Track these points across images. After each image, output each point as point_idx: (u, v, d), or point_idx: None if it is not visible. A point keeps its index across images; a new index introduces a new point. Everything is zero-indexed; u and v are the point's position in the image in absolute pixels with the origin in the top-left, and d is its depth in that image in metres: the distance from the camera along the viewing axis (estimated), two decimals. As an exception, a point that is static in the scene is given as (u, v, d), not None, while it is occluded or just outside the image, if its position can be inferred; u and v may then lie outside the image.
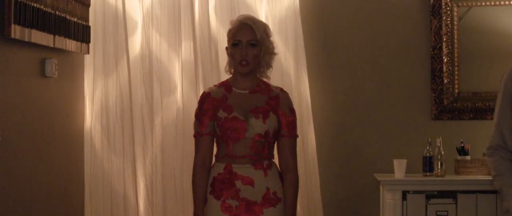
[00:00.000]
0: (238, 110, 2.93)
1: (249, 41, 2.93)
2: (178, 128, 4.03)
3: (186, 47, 4.05)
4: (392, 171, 4.06)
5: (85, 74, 3.99)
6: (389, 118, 4.25)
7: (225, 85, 3.03)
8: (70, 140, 3.77)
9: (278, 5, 4.06)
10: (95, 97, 3.98)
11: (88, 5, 3.81)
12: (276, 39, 3.98)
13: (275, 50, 3.03)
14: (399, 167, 4.01)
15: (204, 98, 3.00)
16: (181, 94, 4.04)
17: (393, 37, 4.21)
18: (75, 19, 3.56)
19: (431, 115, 4.24)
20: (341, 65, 4.24)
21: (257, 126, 2.92)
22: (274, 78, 3.74)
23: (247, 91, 2.98)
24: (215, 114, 2.94)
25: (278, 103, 2.98)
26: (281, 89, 3.07)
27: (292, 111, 3.02)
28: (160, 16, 4.03)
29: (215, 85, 3.06)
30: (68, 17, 3.46)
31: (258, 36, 2.93)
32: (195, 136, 3.00)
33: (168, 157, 4.02)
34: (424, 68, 4.25)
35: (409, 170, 4.06)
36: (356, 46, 4.24)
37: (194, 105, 3.09)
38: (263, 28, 2.97)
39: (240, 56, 2.92)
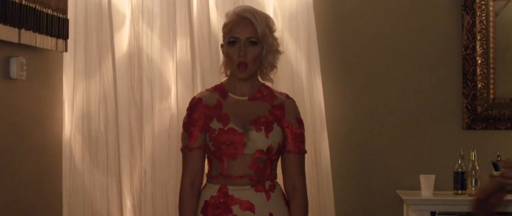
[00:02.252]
0: (236, 121, 2.64)
1: (248, 38, 2.63)
2: (171, 138, 3.80)
3: (182, 45, 3.84)
4: (418, 188, 3.91)
5: (63, 75, 3.76)
6: (415, 127, 4.09)
7: (219, 89, 2.72)
8: (45, 152, 3.53)
9: None
10: (75, 102, 3.77)
11: (66, -5, 3.51)
12: (286, 36, 3.87)
13: (280, 48, 2.73)
14: (427, 183, 3.84)
15: (194, 105, 2.69)
16: (175, 99, 3.82)
17: (420, 36, 4.07)
18: (49, 11, 3.24)
19: (463, 124, 4.08)
20: (360, 67, 4.09)
21: (259, 140, 2.63)
22: (283, 81, 3.80)
23: (246, 98, 2.70)
24: (208, 125, 2.65)
25: (283, 112, 2.69)
26: (287, 96, 2.78)
27: (300, 122, 2.72)
28: (152, 9, 3.83)
29: (207, 90, 2.76)
30: (39, 8, 3.12)
31: (259, 32, 2.63)
32: (182, 150, 2.70)
33: (160, 172, 3.82)
34: (454, 70, 4.09)
35: (438, 187, 3.90)
36: (377, 45, 4.08)
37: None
38: (265, 22, 2.66)
39: (238, 58, 2.63)
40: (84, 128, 3.78)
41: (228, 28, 2.65)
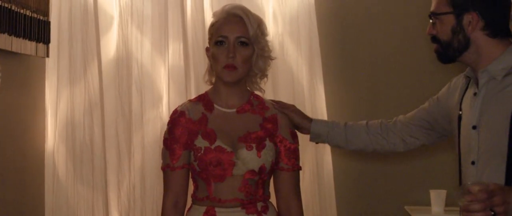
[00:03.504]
0: (223, 138, 2.42)
1: (238, 37, 2.42)
2: None
3: (175, 49, 3.74)
4: (428, 204, 3.80)
5: (46, 82, 3.67)
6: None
7: (204, 100, 2.51)
8: (26, 166, 3.46)
9: None
10: (58, 112, 3.68)
11: (48, -5, 3.40)
12: (287, 40, 3.79)
13: (273, 54, 2.53)
14: (437, 199, 3.74)
15: (176, 120, 2.48)
16: (167, 108, 3.71)
17: (428, 39, 3.78)
18: (28, 12, 3.12)
19: None
20: (365, 73, 3.97)
21: (249, 159, 2.42)
22: (283, 87, 3.75)
23: (233, 110, 2.48)
24: (192, 143, 2.44)
25: (276, 126, 2.49)
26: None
27: (294, 135, 2.53)
28: (142, 10, 3.74)
29: (190, 101, 2.55)
30: (15, 8, 2.98)
31: (251, 32, 2.43)
32: (163, 169, 2.50)
33: (150, 187, 3.73)
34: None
35: (449, 202, 3.76)
36: (383, 49, 3.97)
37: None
38: (257, 23, 2.47)
39: (226, 58, 2.41)
40: (68, 139, 3.70)
41: (216, 28, 2.44)
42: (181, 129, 2.45)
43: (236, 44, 2.41)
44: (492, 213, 1.94)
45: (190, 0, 3.75)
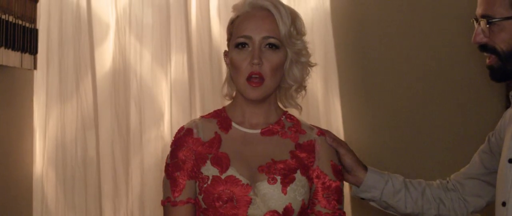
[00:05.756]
0: (239, 165, 1.91)
1: (266, 38, 1.90)
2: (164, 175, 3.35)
3: (178, 61, 3.58)
4: None
5: (34, 98, 3.47)
6: (451, 158, 3.74)
7: (219, 117, 2.00)
8: (12, 192, 3.26)
9: (302, 5, 3.67)
10: (48, 131, 3.50)
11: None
12: None
13: (312, 59, 2.01)
14: None
15: (181, 139, 1.98)
16: (169, 126, 3.55)
17: (457, 49, 3.81)
18: (11, 18, 2.85)
19: None
20: (385, 87, 3.85)
21: (271, 196, 1.90)
22: None
23: (258, 131, 1.97)
24: (198, 170, 1.92)
25: (312, 155, 1.95)
26: (321, 131, 2.02)
27: (337, 171, 1.97)
28: (141, 18, 3.56)
29: (202, 117, 2.05)
30: None
31: (282, 31, 1.90)
32: (163, 203, 2.00)
33: (150, 215, 3.56)
34: (499, 90, 3.79)
35: None
36: (406, 60, 3.83)
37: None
38: (292, 18, 1.94)
39: (249, 66, 1.90)
40: (58, 163, 3.49)
41: (236, 25, 1.94)
42: (187, 152, 1.95)
43: (263, 47, 1.91)
44: None
45: (195, 6, 3.58)
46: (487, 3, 1.89)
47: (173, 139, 2.01)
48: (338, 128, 3.64)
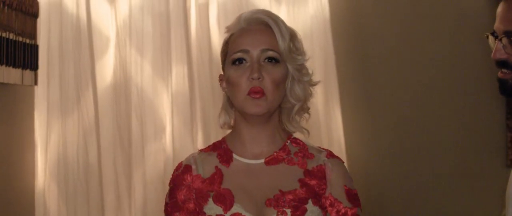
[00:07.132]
0: (245, 201, 1.74)
1: (264, 51, 1.73)
2: (167, 187, 3.11)
3: (179, 73, 3.54)
4: None
5: (35, 113, 3.43)
6: (450, 167, 3.80)
7: (219, 149, 1.82)
8: (13, 208, 3.21)
9: (301, 13, 3.65)
10: (49, 146, 3.45)
11: (35, 15, 3.08)
12: None
13: (314, 78, 1.83)
14: None
15: (179, 178, 1.83)
16: (171, 138, 3.51)
17: (456, 58, 3.80)
18: (11, 35, 2.83)
19: (507, 161, 3.81)
20: (386, 97, 3.81)
21: None
22: None
23: (261, 161, 1.78)
24: (200, 210, 1.77)
25: (323, 182, 1.77)
26: (330, 153, 1.83)
27: (351, 196, 1.77)
28: (141, 29, 3.52)
29: (201, 151, 1.87)
30: None
31: (281, 45, 1.73)
32: None
33: None
34: (497, 98, 3.76)
35: None
36: (407, 71, 3.80)
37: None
38: (290, 35, 1.77)
39: (249, 81, 1.71)
40: (60, 177, 3.44)
41: (231, 42, 1.77)
42: (186, 191, 1.81)
43: (262, 60, 1.73)
44: None
45: (195, 17, 3.53)
46: (509, 20, 1.84)
47: (172, 176, 1.88)
48: (338, 139, 3.62)
